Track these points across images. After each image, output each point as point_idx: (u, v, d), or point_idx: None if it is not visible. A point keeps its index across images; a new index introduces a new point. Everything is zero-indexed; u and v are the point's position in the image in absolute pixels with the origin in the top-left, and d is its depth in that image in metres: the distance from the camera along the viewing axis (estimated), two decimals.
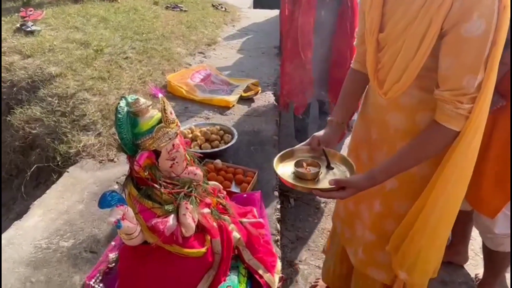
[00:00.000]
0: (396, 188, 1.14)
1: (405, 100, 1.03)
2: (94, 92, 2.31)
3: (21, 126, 2.08)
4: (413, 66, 0.92)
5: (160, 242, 0.96)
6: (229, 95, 2.52)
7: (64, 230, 1.40)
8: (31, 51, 2.69)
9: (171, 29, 3.82)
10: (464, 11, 0.80)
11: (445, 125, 0.91)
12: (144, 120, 0.96)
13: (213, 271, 1.07)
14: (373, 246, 1.25)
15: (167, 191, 0.99)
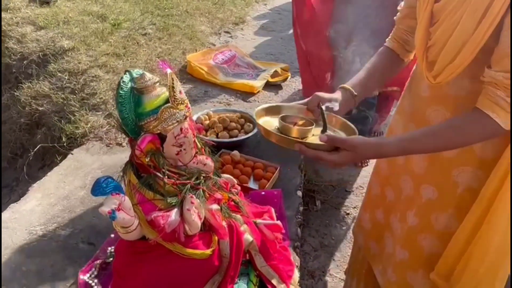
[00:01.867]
0: (435, 199, 1.09)
1: (452, 91, 0.97)
2: (107, 69, 2.37)
3: (28, 102, 2.16)
4: (471, 45, 0.84)
5: (159, 239, 0.93)
6: (255, 80, 2.51)
7: (62, 218, 1.41)
8: (44, 23, 2.79)
9: (196, 4, 3.86)
10: None
11: (488, 113, 0.83)
12: (149, 99, 0.92)
13: (219, 276, 1.04)
14: (405, 266, 1.20)
15: (171, 181, 0.96)
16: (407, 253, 1.20)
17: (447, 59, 0.91)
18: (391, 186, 1.28)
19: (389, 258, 1.27)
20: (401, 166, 1.20)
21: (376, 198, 1.37)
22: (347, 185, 2.57)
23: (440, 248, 1.12)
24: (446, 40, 0.91)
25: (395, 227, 1.25)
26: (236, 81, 2.48)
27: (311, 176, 2.54)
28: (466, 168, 1.01)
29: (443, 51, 0.93)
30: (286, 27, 3.93)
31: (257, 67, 2.72)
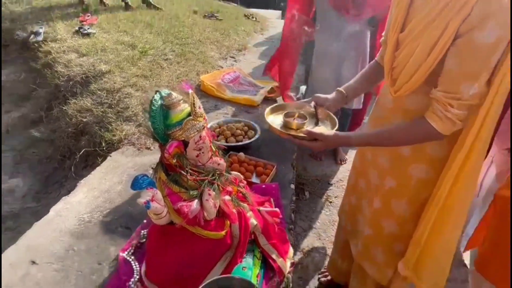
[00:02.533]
0: (394, 187, 1.09)
1: (410, 104, 0.98)
2: (137, 88, 2.32)
3: (74, 114, 2.13)
4: (424, 68, 0.86)
5: (184, 223, 0.94)
6: (255, 96, 2.46)
7: (104, 207, 1.40)
8: (86, 51, 2.74)
9: (207, 35, 3.80)
10: (483, 17, 0.73)
11: (429, 121, 0.86)
12: (175, 113, 0.93)
13: (230, 252, 1.04)
14: (369, 241, 1.21)
15: (192, 178, 0.96)
16: (371, 231, 1.20)
17: (406, 78, 0.92)
18: (363, 177, 1.26)
19: (360, 234, 1.27)
20: (369, 161, 1.19)
21: (352, 187, 1.36)
22: (330, 178, 2.55)
23: (397, 230, 1.13)
24: (406, 63, 0.91)
25: (364, 210, 1.25)
26: (240, 97, 2.44)
27: (301, 172, 2.52)
28: (419, 165, 1.02)
29: (403, 72, 0.93)
30: None
31: (257, 85, 2.67)
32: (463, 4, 0.74)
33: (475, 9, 0.73)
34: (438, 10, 0.80)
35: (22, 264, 1.12)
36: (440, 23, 0.80)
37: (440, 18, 0.80)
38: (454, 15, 0.76)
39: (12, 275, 1.08)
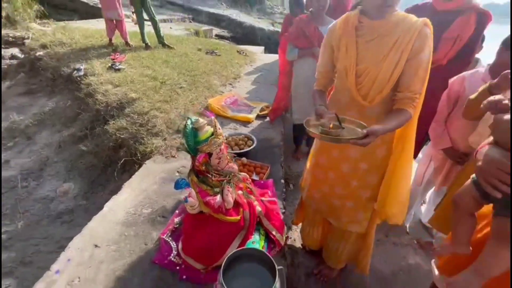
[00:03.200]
0: (367, 168, 1.16)
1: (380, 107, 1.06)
2: (161, 111, 2.33)
3: (114, 132, 2.14)
4: (391, 82, 0.98)
5: (211, 212, 1.01)
6: (250, 114, 2.51)
7: (144, 202, 1.44)
8: (119, 82, 2.75)
9: (210, 67, 3.80)
10: (422, 46, 0.92)
11: (407, 110, 0.98)
12: (202, 133, 1.01)
13: (244, 231, 1.10)
14: (351, 210, 1.25)
15: (215, 179, 1.04)
16: (352, 202, 1.23)
17: (377, 91, 1.00)
18: (332, 170, 1.25)
19: (339, 210, 1.27)
20: (337, 157, 1.20)
21: (322, 180, 1.31)
22: None
23: (371, 194, 1.20)
24: (373, 83, 1.00)
25: (340, 193, 1.25)
26: (239, 115, 2.48)
27: (286, 170, 2.52)
28: (382, 146, 1.11)
29: (372, 88, 1.01)
30: (266, 79, 3.87)
31: (251, 106, 2.72)
32: (408, 41, 0.92)
33: (416, 42, 0.92)
34: (389, 48, 0.95)
35: (88, 247, 1.16)
36: (396, 54, 0.95)
37: (393, 51, 0.95)
38: (405, 47, 0.93)
39: (81, 257, 1.13)
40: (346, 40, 1.03)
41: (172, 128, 2.16)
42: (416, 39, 0.92)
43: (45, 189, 2.16)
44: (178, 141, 2.02)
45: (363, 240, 1.34)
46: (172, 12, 11.89)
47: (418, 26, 0.93)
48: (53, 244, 1.77)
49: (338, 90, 1.14)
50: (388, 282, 1.56)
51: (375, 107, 1.05)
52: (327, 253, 1.48)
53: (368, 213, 1.25)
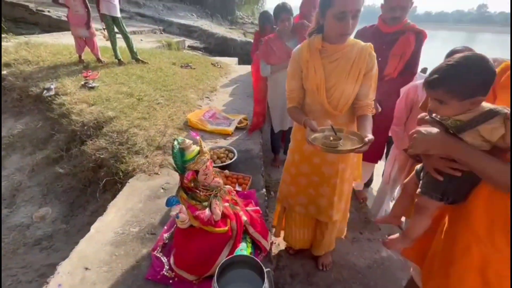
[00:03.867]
0: (345, 167, 1.37)
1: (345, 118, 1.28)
2: (140, 128, 2.33)
3: (93, 153, 2.11)
4: (353, 93, 1.20)
5: (201, 225, 1.08)
6: (229, 126, 2.58)
7: (132, 221, 1.46)
8: (94, 101, 2.70)
9: (185, 81, 3.81)
10: (372, 64, 1.16)
11: (369, 115, 1.20)
12: (188, 152, 1.08)
13: (232, 240, 1.17)
14: (338, 203, 1.43)
15: (203, 194, 1.11)
16: (337, 197, 1.40)
17: (344, 102, 1.22)
18: (315, 175, 1.38)
19: (328, 207, 1.42)
20: (319, 163, 1.35)
21: (305, 184, 1.44)
22: None
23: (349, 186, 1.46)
24: (341, 95, 1.21)
25: (325, 192, 1.40)
26: (218, 128, 2.51)
27: (267, 178, 2.61)
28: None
29: (340, 100, 1.22)
30: (242, 91, 3.92)
31: (229, 118, 2.74)
32: (363, 61, 1.15)
33: (368, 61, 1.16)
34: (350, 67, 1.16)
35: (78, 271, 1.17)
36: (355, 72, 1.16)
37: (353, 69, 1.16)
38: (361, 66, 1.15)
39: (72, 280, 1.13)
40: (313, 62, 1.19)
41: (153, 145, 2.18)
42: (368, 59, 1.15)
43: (19, 215, 2.07)
44: (160, 158, 2.05)
45: (341, 215, 1.55)
46: (142, 23, 11.73)
47: (367, 49, 1.16)
48: (33, 272, 1.71)
49: (310, 104, 1.30)
50: (365, 275, 1.71)
51: (344, 114, 1.25)
52: (319, 245, 1.62)
53: (346, 199, 1.48)
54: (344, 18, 1.04)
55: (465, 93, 0.74)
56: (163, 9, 16.16)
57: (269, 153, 2.91)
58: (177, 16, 15.72)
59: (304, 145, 1.37)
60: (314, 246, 1.67)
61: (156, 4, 16.15)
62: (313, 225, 1.62)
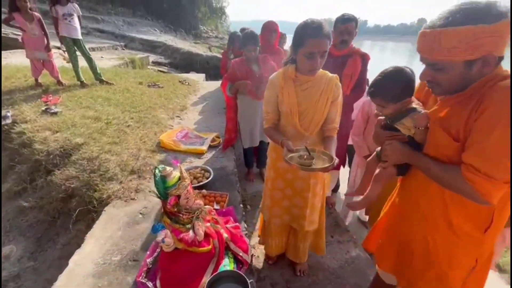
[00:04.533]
0: (315, 181, 1.49)
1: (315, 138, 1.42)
2: (112, 153, 2.30)
3: (62, 183, 2.04)
4: (323, 117, 1.36)
5: (185, 246, 1.15)
6: (202, 145, 2.63)
7: (112, 250, 1.45)
8: (58, 128, 2.59)
9: (154, 101, 3.78)
10: (338, 93, 1.34)
11: (335, 136, 1.37)
12: (170, 179, 1.15)
13: (215, 258, 1.25)
14: (310, 215, 1.55)
15: (186, 216, 1.19)
16: (310, 210, 1.52)
17: (314, 125, 1.37)
18: (289, 188, 1.51)
19: (300, 217, 1.55)
20: (291, 178, 1.48)
21: (279, 197, 1.57)
22: (260, 193, 2.62)
23: (320, 200, 1.57)
24: (311, 118, 1.35)
25: (298, 203, 1.53)
26: (192, 148, 2.55)
27: (243, 193, 2.67)
28: None
29: (311, 123, 1.36)
30: (212, 108, 3.98)
31: (202, 137, 2.80)
32: (330, 90, 1.32)
33: (335, 91, 1.33)
34: (319, 94, 1.33)
35: None
36: (324, 99, 1.33)
37: (322, 97, 1.33)
38: (329, 94, 1.33)
39: None
40: (287, 89, 1.36)
41: (127, 169, 2.17)
42: (334, 89, 1.33)
43: None
44: (135, 183, 2.06)
45: (318, 232, 1.69)
46: (101, 40, 11.33)
47: (334, 80, 1.34)
48: None
49: (285, 125, 1.45)
50: (338, 275, 1.88)
51: (313, 136, 1.42)
52: (294, 253, 1.76)
53: (318, 213, 1.60)
54: (313, 57, 1.22)
55: (395, 97, 0.99)
56: (124, 25, 15.79)
57: (243, 168, 3.02)
58: (139, 31, 15.46)
59: (278, 163, 1.50)
60: (288, 250, 1.80)
61: (115, 19, 15.72)
62: (288, 232, 1.76)
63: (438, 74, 0.81)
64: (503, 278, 2.50)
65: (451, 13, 0.74)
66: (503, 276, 2.57)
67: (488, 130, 0.72)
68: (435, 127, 0.88)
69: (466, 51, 0.72)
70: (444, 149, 0.85)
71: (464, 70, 0.76)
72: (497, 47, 0.73)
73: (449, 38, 0.73)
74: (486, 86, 0.77)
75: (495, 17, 0.70)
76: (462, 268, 0.93)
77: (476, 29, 0.70)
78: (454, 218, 0.88)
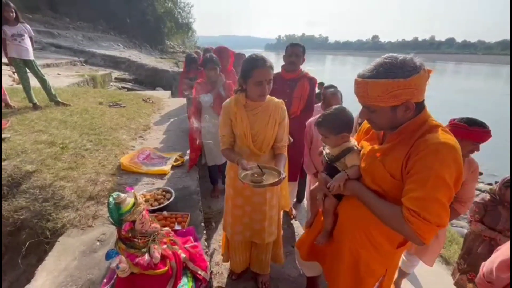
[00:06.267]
0: (272, 195, 1.64)
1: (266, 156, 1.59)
2: (68, 180, 2.22)
3: (10, 215, 1.92)
4: (273, 137, 1.53)
5: (141, 270, 1.19)
6: (165, 166, 2.65)
7: (67, 281, 1.42)
8: (6, 155, 2.43)
9: (115, 122, 3.71)
10: (284, 116, 1.52)
11: (284, 153, 1.55)
12: (124, 206, 1.20)
13: (173, 278, 1.29)
14: (269, 226, 1.69)
15: (141, 241, 1.23)
16: (268, 222, 1.66)
17: (266, 145, 1.53)
18: (247, 205, 1.64)
19: (261, 231, 1.67)
20: (249, 194, 1.61)
21: (241, 215, 1.67)
22: None
23: (276, 211, 1.71)
24: (263, 139, 1.52)
25: (257, 218, 1.65)
26: (154, 169, 2.55)
27: (207, 210, 2.72)
28: None
29: (263, 143, 1.53)
30: (176, 126, 3.98)
31: (164, 157, 2.81)
32: (277, 113, 1.51)
33: (281, 114, 1.51)
34: (268, 118, 1.49)
35: None
36: (272, 122, 1.50)
37: (270, 120, 1.50)
38: (276, 117, 1.51)
39: None
40: (240, 114, 1.51)
41: (84, 196, 2.12)
42: (281, 112, 1.52)
43: None
44: (93, 209, 2.02)
45: (275, 242, 1.83)
46: (58, 55, 10.77)
47: (280, 104, 1.53)
48: None
49: (240, 146, 1.59)
50: (298, 283, 2.00)
51: (266, 154, 1.58)
52: (258, 265, 1.86)
53: (276, 224, 1.74)
54: (262, 85, 1.41)
55: (336, 130, 1.23)
56: (83, 40, 15.18)
57: (208, 185, 3.07)
58: (100, 46, 14.94)
59: (236, 181, 1.61)
60: (252, 263, 1.90)
61: (74, 34, 15.08)
62: (250, 247, 1.86)
63: (372, 115, 0.95)
64: (449, 270, 2.83)
65: (376, 66, 0.88)
66: (449, 268, 2.90)
67: (423, 181, 0.83)
68: (376, 161, 0.99)
69: (389, 99, 0.86)
70: (381, 181, 0.98)
71: (391, 113, 0.91)
72: (414, 96, 0.86)
73: (373, 89, 0.87)
74: (419, 131, 0.89)
75: (409, 72, 0.83)
76: (376, 276, 1.14)
77: (393, 83, 0.83)
78: (377, 237, 1.08)
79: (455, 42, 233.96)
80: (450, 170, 0.82)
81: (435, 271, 2.75)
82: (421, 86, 0.86)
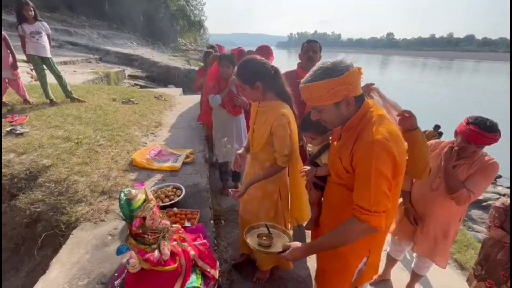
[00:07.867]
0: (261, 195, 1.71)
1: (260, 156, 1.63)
2: (82, 174, 2.28)
3: (27, 207, 1.99)
4: (262, 142, 1.55)
5: (151, 266, 1.19)
6: (176, 162, 2.66)
7: (79, 274, 1.46)
8: (24, 149, 2.52)
9: (128, 118, 3.77)
10: (277, 129, 1.48)
11: (279, 164, 1.56)
12: (135, 202, 1.20)
13: (182, 276, 1.29)
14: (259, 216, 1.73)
15: (152, 237, 1.24)
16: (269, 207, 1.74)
17: (256, 143, 1.58)
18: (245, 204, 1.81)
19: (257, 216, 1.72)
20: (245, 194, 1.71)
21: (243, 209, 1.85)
22: (235, 207, 2.78)
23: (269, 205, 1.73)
24: (256, 138, 1.58)
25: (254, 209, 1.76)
26: (165, 165, 2.57)
27: (216, 207, 2.77)
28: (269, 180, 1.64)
29: (256, 140, 1.59)
30: (187, 123, 4.02)
31: (175, 154, 2.82)
32: (270, 123, 1.48)
33: (274, 126, 1.47)
34: (264, 120, 1.50)
35: None
36: (265, 126, 1.51)
37: (265, 124, 1.51)
38: (270, 123, 1.49)
39: None
40: (254, 107, 1.64)
41: (97, 191, 2.17)
42: (274, 124, 1.49)
43: None
44: (105, 204, 2.06)
45: None
46: (74, 53, 11.06)
47: (277, 116, 1.48)
48: None
49: None
50: (307, 284, 1.98)
51: (259, 152, 1.63)
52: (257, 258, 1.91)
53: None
54: None
55: (320, 132, 1.41)
56: (98, 37, 15.54)
57: (218, 182, 3.09)
58: (114, 44, 15.26)
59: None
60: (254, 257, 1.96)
61: (89, 32, 15.45)
62: None
63: (321, 114, 1.08)
64: (464, 275, 2.73)
65: (314, 72, 1.02)
66: (464, 273, 2.79)
67: (366, 179, 0.97)
68: (336, 158, 1.14)
69: (330, 97, 1.00)
70: (342, 175, 1.12)
71: (336, 110, 1.04)
72: (350, 91, 1.00)
73: (315, 90, 1.00)
74: (359, 125, 1.04)
75: (341, 71, 0.97)
76: (359, 257, 1.22)
77: (330, 82, 0.97)
78: None
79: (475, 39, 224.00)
80: (386, 163, 0.95)
81: (450, 276, 2.66)
82: (355, 82, 1.00)
